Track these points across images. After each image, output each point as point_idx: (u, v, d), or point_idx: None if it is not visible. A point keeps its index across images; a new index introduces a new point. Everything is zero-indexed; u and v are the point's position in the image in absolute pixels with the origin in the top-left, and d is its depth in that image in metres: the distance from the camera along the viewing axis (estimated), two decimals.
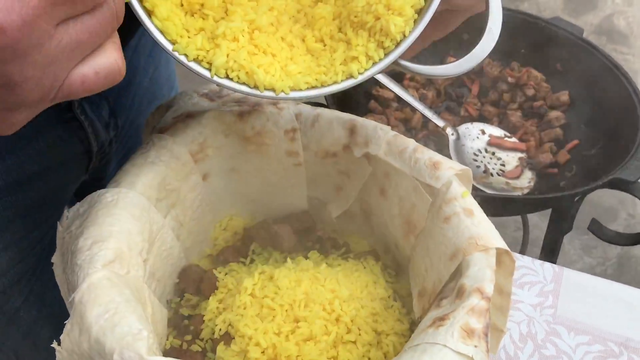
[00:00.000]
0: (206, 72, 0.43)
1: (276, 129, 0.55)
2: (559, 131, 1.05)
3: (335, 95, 0.96)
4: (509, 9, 1.13)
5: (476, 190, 0.94)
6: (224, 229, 0.60)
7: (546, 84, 1.11)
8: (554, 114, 1.06)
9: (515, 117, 1.07)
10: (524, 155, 1.02)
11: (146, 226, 0.48)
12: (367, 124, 0.54)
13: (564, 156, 1.02)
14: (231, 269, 0.56)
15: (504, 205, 0.96)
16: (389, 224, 0.55)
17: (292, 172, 0.58)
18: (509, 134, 1.05)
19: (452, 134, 1.00)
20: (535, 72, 1.11)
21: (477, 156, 1.01)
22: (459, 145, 1.00)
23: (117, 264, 0.44)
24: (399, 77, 1.10)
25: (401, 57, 0.45)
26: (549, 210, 1.04)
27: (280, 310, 0.49)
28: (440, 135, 1.03)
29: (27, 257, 0.61)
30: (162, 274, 0.52)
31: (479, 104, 1.10)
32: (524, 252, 1.38)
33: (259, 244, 0.59)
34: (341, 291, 0.51)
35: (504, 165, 1.00)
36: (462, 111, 1.09)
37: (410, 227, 0.52)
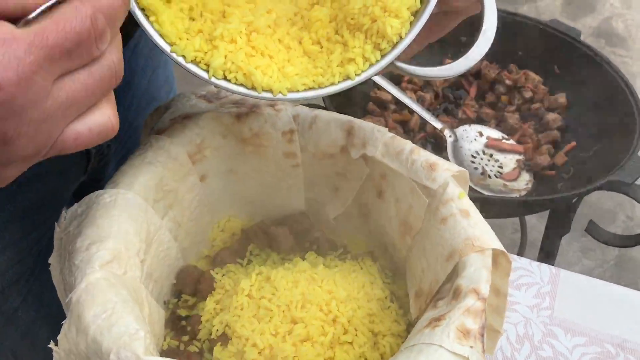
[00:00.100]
0: (204, 74, 0.44)
1: (274, 130, 0.55)
2: (556, 133, 1.06)
3: (333, 97, 0.96)
4: (507, 12, 1.13)
5: (474, 192, 0.94)
6: (222, 230, 0.60)
7: (544, 86, 1.11)
8: (551, 116, 1.07)
9: (512, 119, 1.07)
10: (521, 157, 1.03)
11: (144, 227, 0.49)
12: (365, 126, 0.54)
13: (561, 158, 1.02)
14: (228, 270, 0.56)
15: (501, 207, 0.96)
16: (386, 225, 0.55)
17: (290, 174, 0.58)
18: (506, 136, 1.05)
19: (450, 136, 1.00)
20: (532, 74, 1.11)
21: (475, 158, 1.01)
22: (457, 147, 1.01)
23: (114, 265, 0.44)
24: (396, 79, 1.10)
25: (398, 58, 0.45)
26: (547, 212, 1.05)
27: (277, 311, 0.50)
28: (438, 137, 1.04)
29: (25, 258, 0.61)
30: (160, 275, 0.52)
31: (477, 106, 1.11)
32: (521, 254, 1.38)
33: (257, 245, 0.59)
34: (338, 292, 0.51)
35: (501, 167, 1.01)
36: (460, 113, 1.09)
37: (407, 228, 0.52)
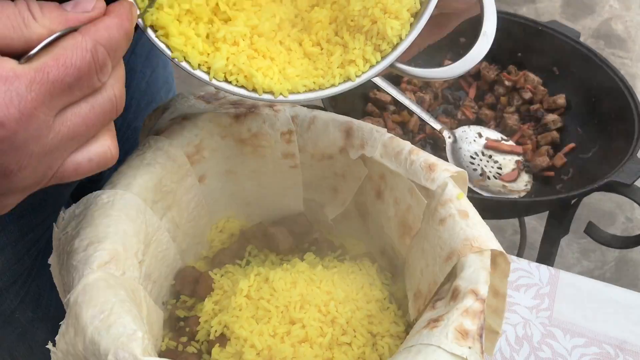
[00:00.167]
0: (204, 76, 0.44)
1: (272, 131, 0.55)
2: (555, 134, 1.06)
3: (332, 98, 0.96)
4: (506, 13, 1.13)
5: (473, 193, 0.94)
6: (220, 231, 0.60)
7: (543, 87, 1.11)
8: (550, 117, 1.07)
9: (512, 120, 1.07)
10: (520, 158, 1.03)
11: (142, 227, 0.48)
12: (363, 126, 0.54)
13: (560, 159, 1.02)
14: (227, 271, 0.56)
15: (500, 208, 0.96)
16: (384, 226, 0.55)
17: (289, 174, 0.58)
18: (505, 137, 1.05)
19: (449, 137, 1.00)
20: (532, 75, 1.11)
21: (474, 159, 1.01)
22: (456, 148, 1.01)
23: (112, 265, 0.44)
24: (396, 80, 1.10)
25: (398, 60, 0.45)
26: (547, 213, 1.05)
27: (275, 312, 0.49)
28: (437, 138, 1.04)
29: (23, 259, 0.60)
30: (158, 276, 0.52)
31: (476, 107, 1.11)
32: (521, 255, 1.37)
33: (255, 246, 0.59)
34: (337, 293, 0.51)
35: (500, 168, 1.01)
36: (459, 114, 1.09)
37: (405, 229, 0.52)
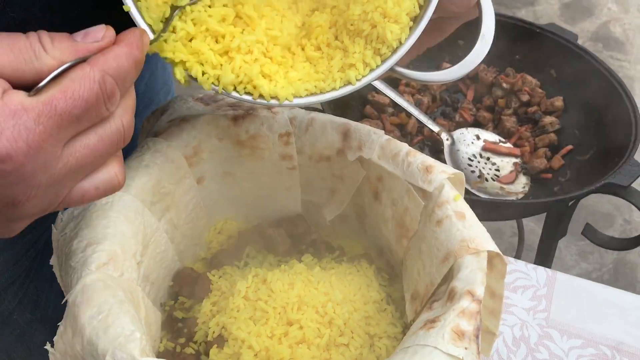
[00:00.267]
0: (214, 87, 0.43)
1: (270, 132, 0.56)
2: (553, 136, 1.06)
3: (331, 100, 0.97)
4: (505, 16, 1.13)
5: (471, 195, 0.94)
6: (219, 233, 0.61)
7: (541, 90, 1.11)
8: (548, 119, 1.07)
9: (509, 122, 1.07)
10: (518, 160, 1.03)
11: (140, 229, 0.49)
12: (361, 128, 0.54)
13: (558, 161, 1.02)
14: (225, 272, 0.56)
15: (498, 209, 0.96)
16: (382, 227, 0.55)
17: (287, 176, 0.58)
18: (503, 139, 1.05)
19: (447, 139, 1.01)
20: (529, 77, 1.12)
21: (472, 161, 1.01)
22: (454, 150, 1.01)
23: (110, 266, 0.44)
24: (394, 83, 1.10)
25: (397, 63, 0.45)
26: (544, 215, 1.05)
27: (273, 313, 0.50)
28: (435, 140, 1.04)
29: (21, 260, 0.61)
30: (156, 277, 0.52)
31: (474, 110, 1.11)
32: (519, 257, 1.38)
33: (253, 247, 0.59)
34: (334, 294, 0.51)
35: (498, 170, 1.01)
36: (457, 116, 1.10)
37: (403, 230, 0.52)
